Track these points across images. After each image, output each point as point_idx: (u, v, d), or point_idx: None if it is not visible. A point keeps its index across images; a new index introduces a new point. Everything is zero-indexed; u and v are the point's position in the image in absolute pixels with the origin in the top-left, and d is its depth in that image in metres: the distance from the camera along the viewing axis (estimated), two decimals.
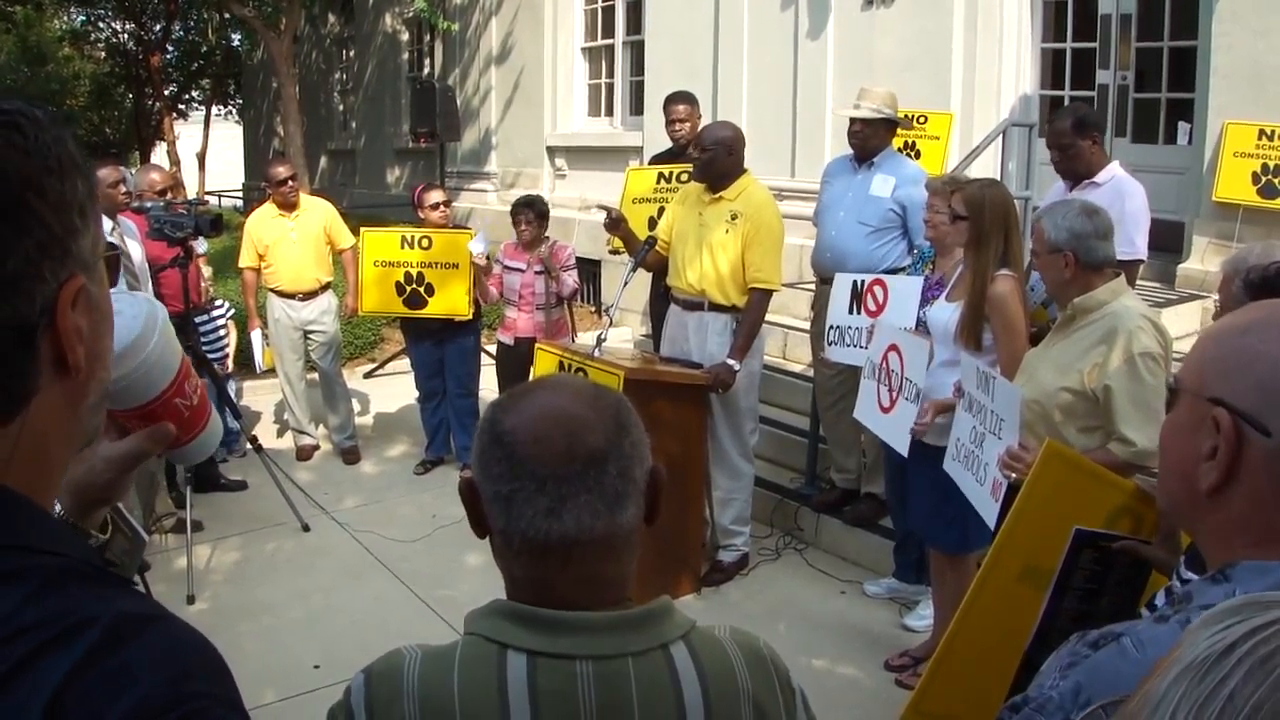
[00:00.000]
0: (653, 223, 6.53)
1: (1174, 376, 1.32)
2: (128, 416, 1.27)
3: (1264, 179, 6.66)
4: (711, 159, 5.37)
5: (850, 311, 5.10)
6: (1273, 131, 6.62)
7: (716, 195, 5.43)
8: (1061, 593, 2.32)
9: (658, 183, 6.79)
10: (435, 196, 7.29)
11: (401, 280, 7.13)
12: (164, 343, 1.24)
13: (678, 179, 6.50)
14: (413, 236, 7.19)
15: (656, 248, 5.70)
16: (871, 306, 4.94)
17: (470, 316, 7.14)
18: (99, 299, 0.96)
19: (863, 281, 5.07)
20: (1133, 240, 4.68)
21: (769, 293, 5.44)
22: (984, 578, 2.70)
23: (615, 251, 7.06)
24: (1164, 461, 1.32)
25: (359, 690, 1.32)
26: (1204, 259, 6.96)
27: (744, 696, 1.35)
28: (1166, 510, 1.33)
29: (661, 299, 5.78)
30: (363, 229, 7.49)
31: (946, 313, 4.23)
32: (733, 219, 5.34)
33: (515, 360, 6.63)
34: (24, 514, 0.88)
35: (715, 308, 5.43)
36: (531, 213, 6.83)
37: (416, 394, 7.58)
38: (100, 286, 0.96)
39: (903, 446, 4.33)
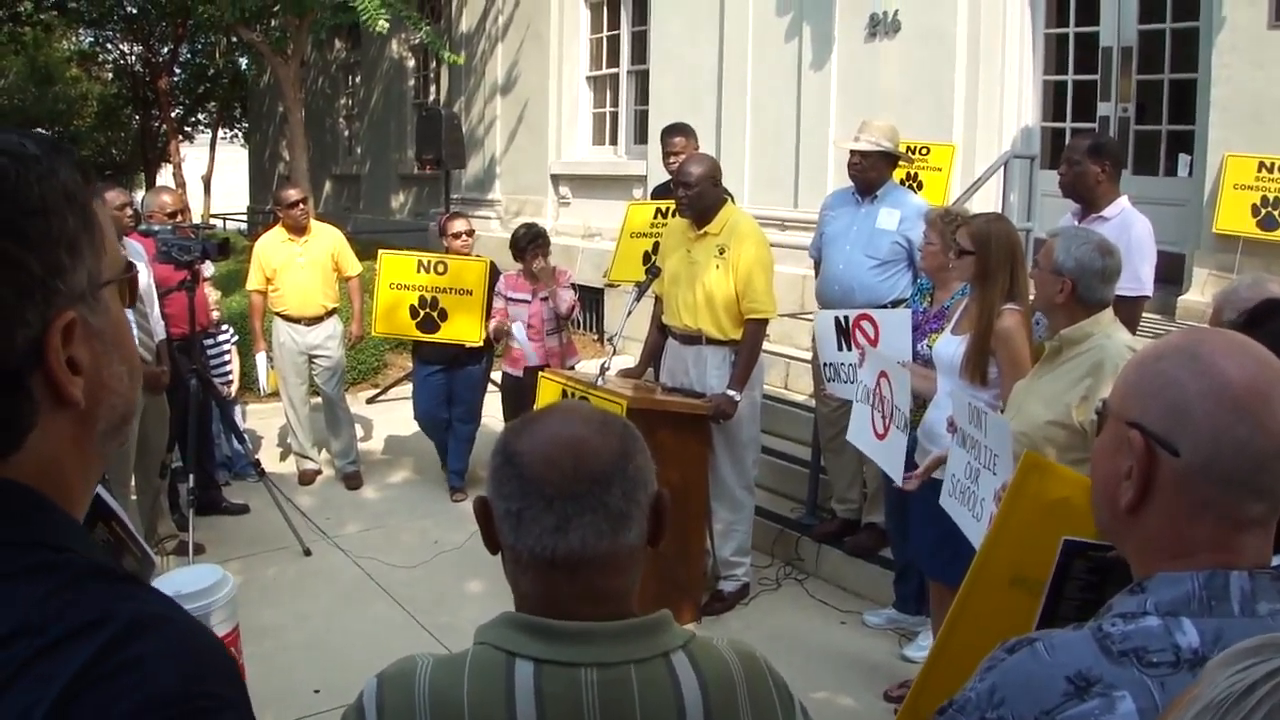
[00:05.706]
0: (647, 257, 6.57)
1: (1101, 400, 1.39)
2: None
3: (1264, 211, 6.69)
4: (699, 194, 5.36)
5: (840, 348, 5.11)
6: (1272, 164, 6.65)
7: (702, 231, 5.43)
8: (1056, 601, 2.33)
9: (655, 218, 6.84)
10: (459, 225, 7.41)
11: (415, 304, 7.21)
12: (232, 600, 1.38)
13: (673, 215, 6.53)
14: (429, 261, 7.30)
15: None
16: (862, 342, 4.94)
17: (481, 343, 7.19)
18: (103, 327, 0.96)
19: (848, 318, 5.07)
20: (1138, 275, 4.67)
21: (765, 322, 5.45)
22: (968, 589, 2.69)
23: (611, 284, 7.09)
24: (1093, 482, 1.39)
25: (371, 694, 1.37)
26: (1204, 291, 6.97)
27: (743, 703, 1.40)
28: (1099, 528, 1.40)
29: (660, 331, 5.78)
30: (380, 251, 7.57)
31: (953, 346, 4.24)
32: (721, 253, 5.34)
33: (524, 391, 6.46)
34: (46, 515, 0.91)
35: (712, 342, 5.44)
36: (543, 243, 6.87)
37: (413, 415, 7.62)
38: (104, 315, 0.97)
39: (898, 475, 4.34)
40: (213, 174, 28.78)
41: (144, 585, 0.93)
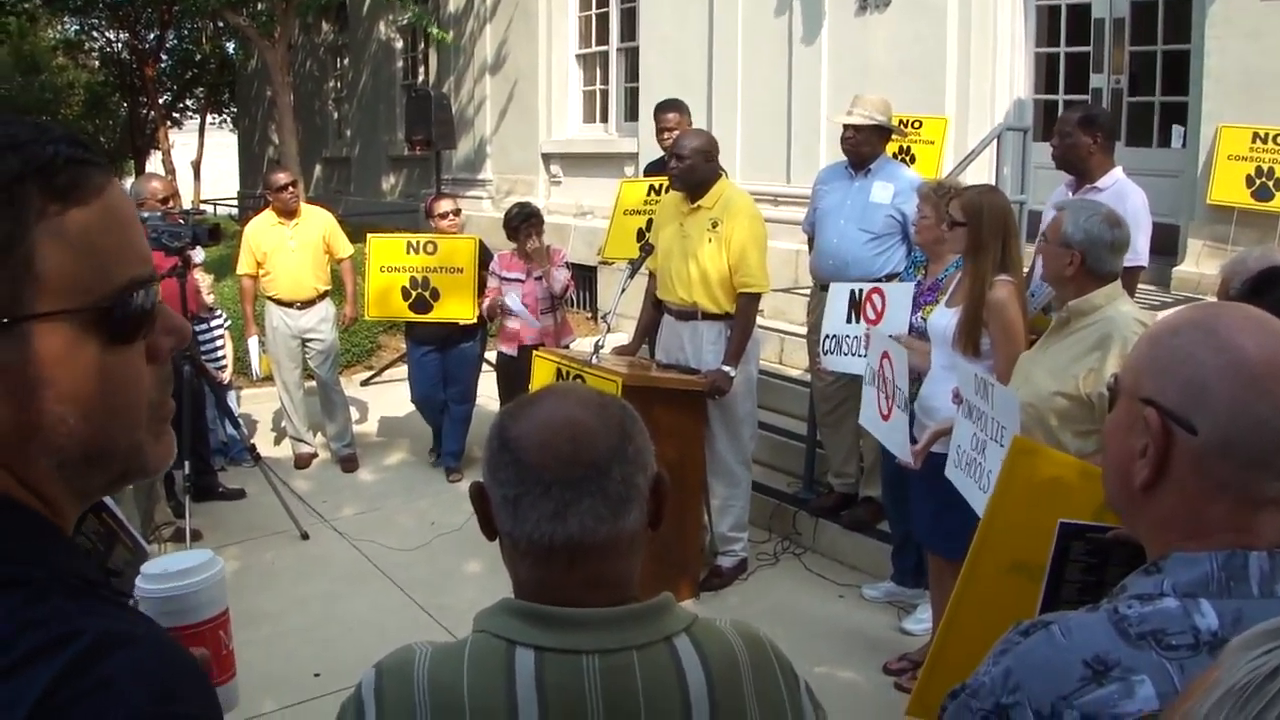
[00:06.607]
0: (641, 234, 6.55)
1: (1113, 376, 1.36)
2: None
3: (1258, 182, 6.68)
4: (691, 167, 5.35)
5: (849, 320, 5.09)
6: (1266, 134, 6.63)
7: (695, 205, 5.42)
8: (1057, 584, 2.32)
9: (648, 195, 6.81)
10: (445, 206, 7.43)
11: (407, 285, 7.23)
12: (220, 582, 1.45)
13: (666, 191, 6.51)
14: (418, 242, 7.32)
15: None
16: (871, 315, 4.93)
17: (475, 320, 7.18)
18: (11, 363, 0.85)
19: (861, 290, 5.06)
20: (1135, 246, 4.64)
21: (757, 296, 5.44)
22: (968, 574, 2.69)
23: (606, 261, 7.07)
24: (1105, 459, 1.36)
25: (370, 684, 1.35)
26: (1199, 262, 6.98)
27: (747, 684, 1.38)
28: (1110, 506, 1.37)
29: (655, 307, 5.77)
30: (369, 235, 7.56)
31: (946, 318, 4.23)
32: (714, 227, 5.33)
33: (518, 371, 6.44)
34: (7, 527, 0.86)
35: (708, 316, 5.43)
36: (536, 222, 6.84)
37: (410, 398, 7.63)
38: (20, 350, 0.85)
39: (904, 454, 4.29)
40: (202, 160, 28.66)
41: (113, 600, 0.89)
